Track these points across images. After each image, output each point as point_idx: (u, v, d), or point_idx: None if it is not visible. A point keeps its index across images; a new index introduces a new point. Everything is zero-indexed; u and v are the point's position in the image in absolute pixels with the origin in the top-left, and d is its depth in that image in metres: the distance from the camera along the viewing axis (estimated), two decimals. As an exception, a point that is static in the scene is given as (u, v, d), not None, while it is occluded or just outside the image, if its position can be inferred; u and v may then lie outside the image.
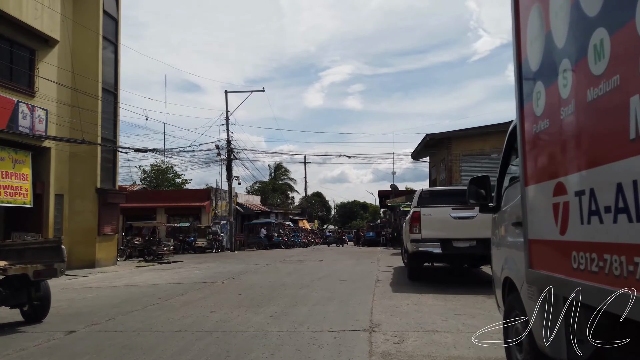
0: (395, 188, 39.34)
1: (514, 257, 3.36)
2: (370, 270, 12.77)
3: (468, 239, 9.08)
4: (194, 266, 16.60)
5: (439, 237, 9.12)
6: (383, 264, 15.00)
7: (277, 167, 72.66)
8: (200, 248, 28.21)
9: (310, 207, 76.45)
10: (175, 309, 7.17)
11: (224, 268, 14.80)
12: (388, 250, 24.51)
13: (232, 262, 17.54)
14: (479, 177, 4.35)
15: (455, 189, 11.80)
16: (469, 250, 9.09)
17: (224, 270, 14.02)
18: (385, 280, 10.34)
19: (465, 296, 7.78)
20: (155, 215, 32.91)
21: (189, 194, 35.10)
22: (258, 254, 23.87)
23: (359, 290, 8.69)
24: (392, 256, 18.80)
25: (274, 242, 30.93)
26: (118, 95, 19.17)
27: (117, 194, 18.73)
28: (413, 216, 9.32)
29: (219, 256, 23.44)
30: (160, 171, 46.01)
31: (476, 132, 29.58)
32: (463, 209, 9.25)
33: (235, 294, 8.53)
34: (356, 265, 14.36)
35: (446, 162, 30.94)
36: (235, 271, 13.43)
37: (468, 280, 10.80)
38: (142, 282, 11.24)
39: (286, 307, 7.10)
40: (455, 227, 9.13)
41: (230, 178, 31.16)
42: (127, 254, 22.57)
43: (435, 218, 9.25)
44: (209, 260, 19.63)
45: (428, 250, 9.13)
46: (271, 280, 10.81)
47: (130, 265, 18.71)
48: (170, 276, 12.68)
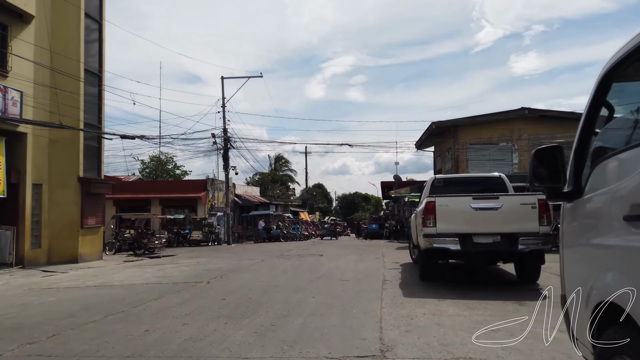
0: (399, 179, 38.03)
1: (626, 271, 2.05)
2: (375, 267, 11.49)
3: (491, 233, 7.77)
4: (184, 261, 15.35)
5: (457, 232, 7.80)
6: (389, 259, 13.72)
7: (278, 158, 71.38)
8: (195, 241, 26.99)
9: (311, 199, 75.31)
10: (140, 320, 5.88)
11: (215, 264, 13.54)
12: (392, 244, 23.24)
13: (226, 257, 16.28)
14: (546, 147, 2.99)
15: (473, 176, 10.51)
16: (492, 247, 7.78)
17: (215, 266, 12.76)
18: (394, 280, 9.05)
19: (492, 303, 6.47)
20: (149, 207, 31.65)
21: (184, 184, 33.81)
22: (255, 248, 22.61)
23: (364, 294, 7.40)
24: (398, 251, 17.51)
25: (273, 234, 29.65)
26: (103, 78, 17.81)
27: (102, 184, 17.43)
28: (427, 207, 7.99)
29: (213, 250, 22.19)
30: (159, 162, 44.95)
31: (484, 120, 28.22)
32: (485, 198, 7.93)
33: (218, 299, 7.24)
34: (360, 262, 13.07)
35: (452, 151, 29.59)
36: (226, 268, 12.16)
37: (484, 278, 9.52)
38: (119, 282, 9.97)
39: (276, 317, 5.81)
40: (476, 220, 7.81)
41: (227, 168, 29.84)
42: (116, 248, 21.33)
43: (453, 209, 7.93)
44: (202, 255, 18.38)
45: (444, 246, 7.82)
46: (264, 279, 9.53)
47: (117, 260, 17.48)
48: (153, 274, 11.41)
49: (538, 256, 7.98)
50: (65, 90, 15.67)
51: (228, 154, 29.72)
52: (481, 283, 8.83)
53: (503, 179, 9.61)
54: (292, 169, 72.21)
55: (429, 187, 9.77)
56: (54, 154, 15.97)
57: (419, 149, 36.82)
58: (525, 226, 7.62)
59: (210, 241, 27.13)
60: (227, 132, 29.77)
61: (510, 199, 7.88)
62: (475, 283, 8.72)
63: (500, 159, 27.64)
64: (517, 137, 27.56)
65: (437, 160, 36.72)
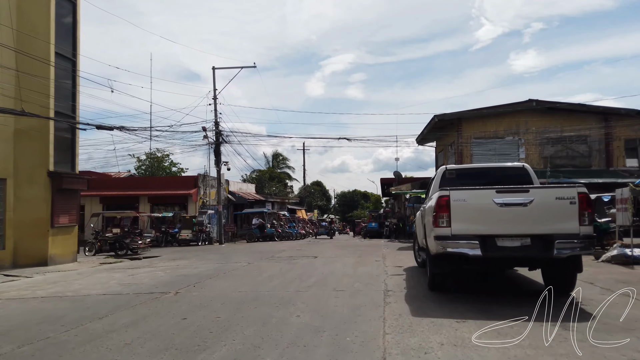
0: (399, 175, 36.55)
1: None
2: (375, 272, 10.00)
3: (520, 235, 6.28)
4: (163, 264, 13.86)
5: (477, 233, 6.31)
6: (391, 262, 12.24)
7: (275, 156, 70.01)
8: (184, 240, 25.48)
9: (309, 197, 73.92)
10: (60, 353, 4.38)
11: (195, 268, 12.05)
12: (393, 244, 21.74)
13: (211, 259, 14.79)
14: None
15: (491, 166, 9.00)
16: (520, 252, 6.29)
17: (194, 271, 11.27)
18: (398, 289, 7.56)
19: (526, 325, 4.95)
20: (137, 205, 30.18)
21: (174, 181, 32.33)
22: (246, 248, 21.12)
23: (362, 311, 5.91)
24: (400, 252, 16.03)
25: (267, 233, 28.13)
26: (77, 63, 16.26)
27: (76, 179, 15.89)
28: (439, 203, 6.49)
29: (202, 250, 20.70)
30: (155, 159, 43.69)
31: (490, 113, 26.72)
32: (512, 192, 6.43)
33: (178, 318, 5.74)
34: (358, 265, 11.59)
35: (456, 145, 28.15)
36: (206, 273, 10.67)
37: (503, 285, 8.04)
38: (73, 292, 8.46)
39: (243, 350, 4.31)
40: (501, 219, 6.32)
41: (218, 163, 28.32)
42: (96, 248, 19.84)
43: (472, 205, 6.43)
44: (187, 256, 16.90)
45: (461, 251, 6.32)
46: (244, 289, 8.03)
47: (93, 262, 15.98)
48: (120, 280, 9.92)
49: (575, 262, 6.50)
50: (33, 74, 14.14)
51: (220, 149, 28.22)
52: (501, 293, 7.34)
53: (527, 169, 8.11)
54: (290, 166, 70.82)
55: (439, 180, 8.28)
56: (21, 145, 14.46)
57: (420, 144, 35.46)
58: (563, 226, 6.14)
59: (201, 241, 25.64)
60: (218, 125, 28.27)
61: (543, 193, 6.37)
62: (494, 293, 7.22)
63: (507, 153, 26.15)
64: (523, 131, 26.10)
65: (439, 155, 35.31)
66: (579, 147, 26.03)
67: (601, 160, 25.64)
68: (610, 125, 25.38)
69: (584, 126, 25.63)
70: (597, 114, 25.59)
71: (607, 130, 25.37)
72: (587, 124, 25.58)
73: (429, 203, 7.55)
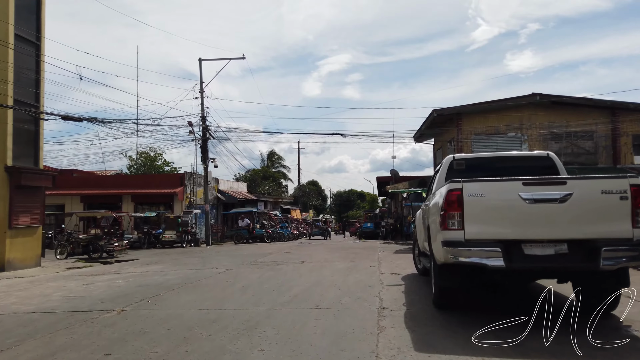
0: (396, 173, 35.13)
1: None
2: (369, 281, 8.52)
3: (554, 240, 4.82)
4: (132, 270, 12.37)
5: (499, 238, 4.86)
6: (387, 267, 10.78)
7: (271, 155, 68.57)
8: (168, 242, 23.92)
9: (304, 196, 72.46)
10: None
11: (164, 275, 10.55)
12: (390, 246, 20.28)
13: (187, 264, 13.29)
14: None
15: (508, 155, 7.55)
16: (554, 262, 4.83)
17: (159, 279, 9.77)
18: (395, 307, 6.09)
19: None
20: (121, 204, 28.63)
21: (159, 179, 30.76)
22: (232, 250, 19.62)
23: (347, 343, 4.42)
24: (397, 255, 14.57)
25: (256, 234, 26.60)
26: (42, 47, 14.72)
27: (38, 175, 14.35)
28: (449, 199, 5.03)
29: (183, 253, 19.19)
30: (148, 158, 42.28)
31: (491, 107, 25.28)
32: (545, 183, 4.97)
33: (99, 354, 4.25)
34: (350, 272, 10.11)
35: (456, 141, 26.74)
36: (173, 282, 9.18)
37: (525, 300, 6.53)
38: (0, 308, 6.95)
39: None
40: (529, 219, 4.86)
41: (205, 160, 26.82)
42: (68, 251, 18.27)
43: (492, 202, 4.96)
44: (164, 260, 15.40)
45: (478, 261, 4.86)
46: (206, 305, 6.54)
47: (60, 266, 14.46)
48: (68, 291, 8.42)
49: (622, 275, 5.06)
50: (-13, 57, 12.64)
51: (207, 145, 26.72)
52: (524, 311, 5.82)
53: (553, 159, 6.64)
54: (285, 166, 69.38)
55: (445, 172, 6.81)
56: (-27, 137, 12.95)
57: (417, 141, 34.09)
58: (611, 228, 4.69)
59: (186, 242, 24.08)
60: (205, 120, 26.77)
61: (585, 185, 4.89)
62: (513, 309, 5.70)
63: (509, 150, 24.76)
64: (527, 126, 24.69)
65: (437, 153, 33.96)
66: (585, 144, 24.64)
67: (608, 157, 24.25)
68: (617, 120, 24.00)
69: (590, 121, 24.25)
70: (604, 109, 24.17)
71: (614, 125, 23.99)
72: (594, 118, 24.19)
73: (434, 200, 6.09)
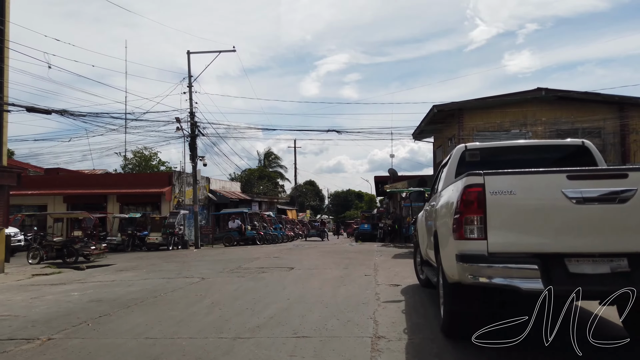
0: (394, 173, 33.85)
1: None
2: (362, 296, 7.22)
3: (609, 254, 3.54)
4: (101, 277, 11.07)
5: (536, 251, 3.57)
6: (384, 276, 9.48)
7: (268, 154, 67.37)
8: (154, 244, 22.61)
9: (301, 196, 71.23)
10: None
11: (128, 286, 9.23)
12: (388, 249, 18.98)
13: (163, 271, 11.99)
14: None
15: (534, 144, 6.25)
16: (610, 284, 3.54)
17: (121, 291, 8.46)
18: (394, 334, 4.80)
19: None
20: (106, 204, 27.32)
21: (146, 178, 29.39)
22: (218, 254, 18.30)
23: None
24: (396, 260, 13.29)
25: (247, 236, 25.28)
26: (6, 32, 13.40)
27: (1, 172, 13.03)
28: (466, 197, 3.72)
29: (167, 257, 17.87)
30: (143, 158, 41.15)
31: (495, 103, 23.96)
32: (598, 177, 3.68)
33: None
34: (341, 282, 8.81)
35: (457, 138, 25.44)
36: (131, 296, 7.87)
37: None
38: None
39: None
40: (576, 225, 3.56)
41: (194, 158, 25.52)
42: (41, 256, 16.92)
43: (525, 201, 3.66)
44: (142, 265, 14.09)
45: (507, 283, 3.56)
46: (153, 334, 5.23)
47: (26, 273, 13.12)
48: (8, 307, 7.11)
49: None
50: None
51: (195, 142, 25.41)
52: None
53: (590, 148, 5.37)
54: (282, 165, 68.11)
55: (455, 165, 5.51)
56: None
57: (416, 139, 32.87)
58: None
59: (172, 245, 22.74)
60: (194, 116, 25.46)
61: (654, 178, 3.60)
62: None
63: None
64: (532, 122, 23.44)
65: (437, 151, 32.74)
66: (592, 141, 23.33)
67: (617, 155, 22.98)
68: (626, 116, 22.72)
69: (597, 117, 22.98)
70: (612, 104, 22.90)
71: (623, 121, 22.73)
72: (602, 114, 22.93)
73: (443, 199, 4.79)
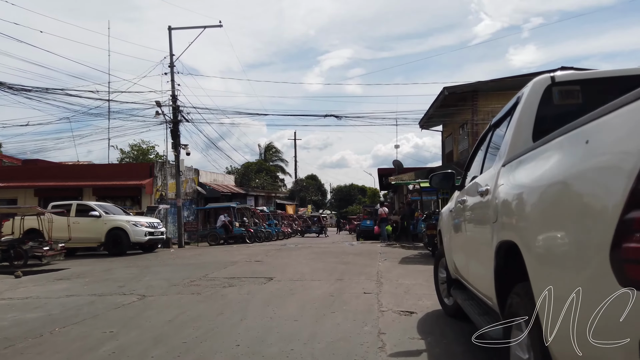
0: (399, 164, 31.14)
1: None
2: (357, 339, 4.56)
3: None
4: (25, 289, 8.49)
5: None
6: (391, 295, 6.81)
7: (268, 148, 65.01)
8: (128, 243, 20.01)
9: (302, 191, 68.66)
10: None
11: (34, 307, 6.63)
12: (394, 250, 16.31)
13: (107, 281, 9.38)
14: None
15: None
16: None
17: (15, 318, 5.88)
18: None
19: None
20: (81, 197, 24.75)
21: (126, 169, 26.84)
22: (193, 256, 15.69)
23: None
24: (404, 266, 10.63)
25: (235, 234, 22.66)
26: None
27: None
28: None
29: (133, 259, 15.28)
30: (140, 151, 39.27)
31: (513, 83, 21.09)
32: None
33: None
34: (329, 306, 6.16)
35: (471, 124, 22.69)
36: (20, 329, 5.29)
37: None
38: None
39: None
40: None
41: (176, 147, 22.92)
42: (-15, 257, 14.40)
43: None
44: (89, 272, 11.43)
45: None
46: None
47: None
48: None
49: None
50: None
51: (178, 129, 22.80)
52: None
53: None
54: (283, 159, 65.63)
55: (534, 114, 2.86)
56: None
57: (423, 127, 30.17)
58: None
59: (149, 243, 20.14)
60: (176, 99, 22.83)
61: None
62: None
63: (532, 135, 20.79)
64: (553, 104, 20.63)
65: (446, 141, 30.07)
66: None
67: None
68: None
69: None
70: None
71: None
72: (631, 92, 20.12)
73: (544, 180, 2.12)
